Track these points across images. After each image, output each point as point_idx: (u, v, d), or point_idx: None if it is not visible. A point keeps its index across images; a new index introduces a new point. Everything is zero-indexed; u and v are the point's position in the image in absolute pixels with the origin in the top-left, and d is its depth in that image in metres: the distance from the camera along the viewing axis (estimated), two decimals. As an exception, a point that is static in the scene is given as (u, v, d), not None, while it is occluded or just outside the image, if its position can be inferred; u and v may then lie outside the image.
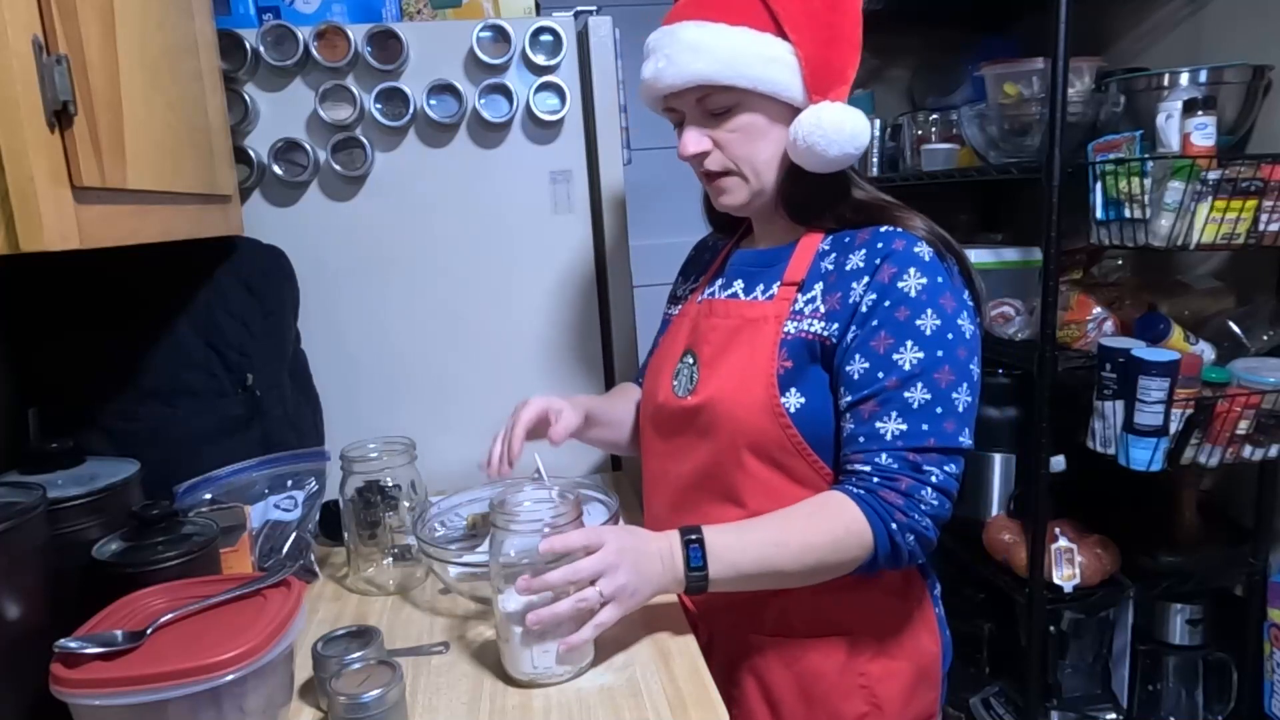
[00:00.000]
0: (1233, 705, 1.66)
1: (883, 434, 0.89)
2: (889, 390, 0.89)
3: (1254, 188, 1.37)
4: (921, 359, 0.88)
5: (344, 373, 1.42)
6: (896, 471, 0.88)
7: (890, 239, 0.92)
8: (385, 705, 0.78)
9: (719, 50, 0.91)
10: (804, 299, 0.96)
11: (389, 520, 1.13)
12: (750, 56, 0.91)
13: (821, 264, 0.97)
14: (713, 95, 0.94)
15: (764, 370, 0.94)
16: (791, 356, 0.94)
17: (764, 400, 0.93)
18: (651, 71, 0.96)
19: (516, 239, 1.43)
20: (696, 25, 0.92)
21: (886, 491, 0.88)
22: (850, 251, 0.94)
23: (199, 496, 1.12)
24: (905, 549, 0.89)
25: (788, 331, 0.95)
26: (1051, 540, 1.56)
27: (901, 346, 0.89)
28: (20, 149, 0.63)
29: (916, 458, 0.88)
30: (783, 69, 0.92)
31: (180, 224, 0.99)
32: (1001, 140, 1.66)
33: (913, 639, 1.02)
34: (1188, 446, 1.44)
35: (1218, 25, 1.64)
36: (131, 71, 0.83)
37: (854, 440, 0.91)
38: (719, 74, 0.92)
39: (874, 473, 0.89)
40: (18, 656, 0.75)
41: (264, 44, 1.29)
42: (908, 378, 0.88)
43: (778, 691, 1.01)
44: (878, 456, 0.89)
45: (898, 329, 0.89)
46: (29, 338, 1.17)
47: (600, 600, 0.85)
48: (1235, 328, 1.55)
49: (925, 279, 0.90)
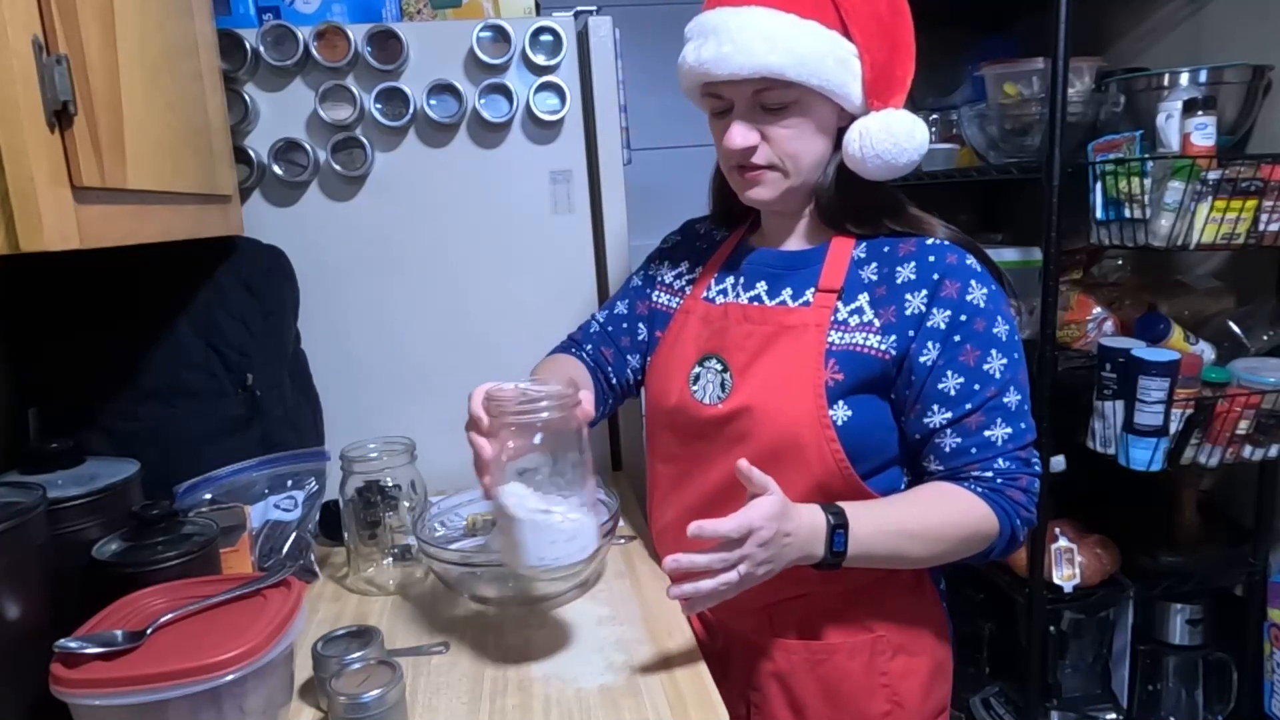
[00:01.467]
0: (1233, 705, 1.66)
1: (994, 441, 0.91)
2: (991, 400, 0.91)
3: (1254, 188, 1.37)
4: (1006, 365, 0.91)
5: (344, 373, 1.42)
6: (1015, 471, 0.91)
7: (940, 253, 0.93)
8: (385, 705, 0.78)
9: (795, 44, 0.87)
10: (847, 309, 0.95)
11: (389, 520, 1.13)
12: (824, 55, 0.88)
13: (861, 273, 0.96)
14: (774, 89, 0.90)
15: (811, 380, 0.93)
16: (843, 369, 0.93)
17: (811, 410, 0.92)
18: (712, 54, 0.89)
19: (516, 239, 1.43)
20: (769, 13, 0.87)
21: (1012, 490, 0.91)
22: (897, 264, 0.94)
23: (199, 496, 1.12)
24: (1020, 538, 0.93)
25: (832, 342, 0.94)
26: (1051, 540, 1.56)
27: (988, 357, 0.91)
28: (20, 149, 0.63)
29: (1025, 454, 0.93)
30: (848, 72, 0.90)
31: (180, 224, 0.99)
32: (1001, 140, 1.66)
33: (927, 635, 1.03)
34: (1188, 446, 1.44)
35: (1218, 25, 1.64)
36: (131, 71, 0.83)
37: (965, 453, 0.91)
38: (791, 69, 0.87)
39: (996, 475, 0.91)
40: (18, 656, 0.75)
41: (264, 44, 1.29)
42: (1003, 385, 0.91)
43: (802, 695, 1.00)
44: (995, 462, 0.91)
45: (981, 341, 0.91)
46: (29, 338, 1.17)
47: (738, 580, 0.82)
48: (1235, 328, 1.55)
49: (986, 289, 0.92)
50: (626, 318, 1.16)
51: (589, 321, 1.21)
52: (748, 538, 0.81)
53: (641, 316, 1.15)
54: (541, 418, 0.85)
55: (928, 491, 0.93)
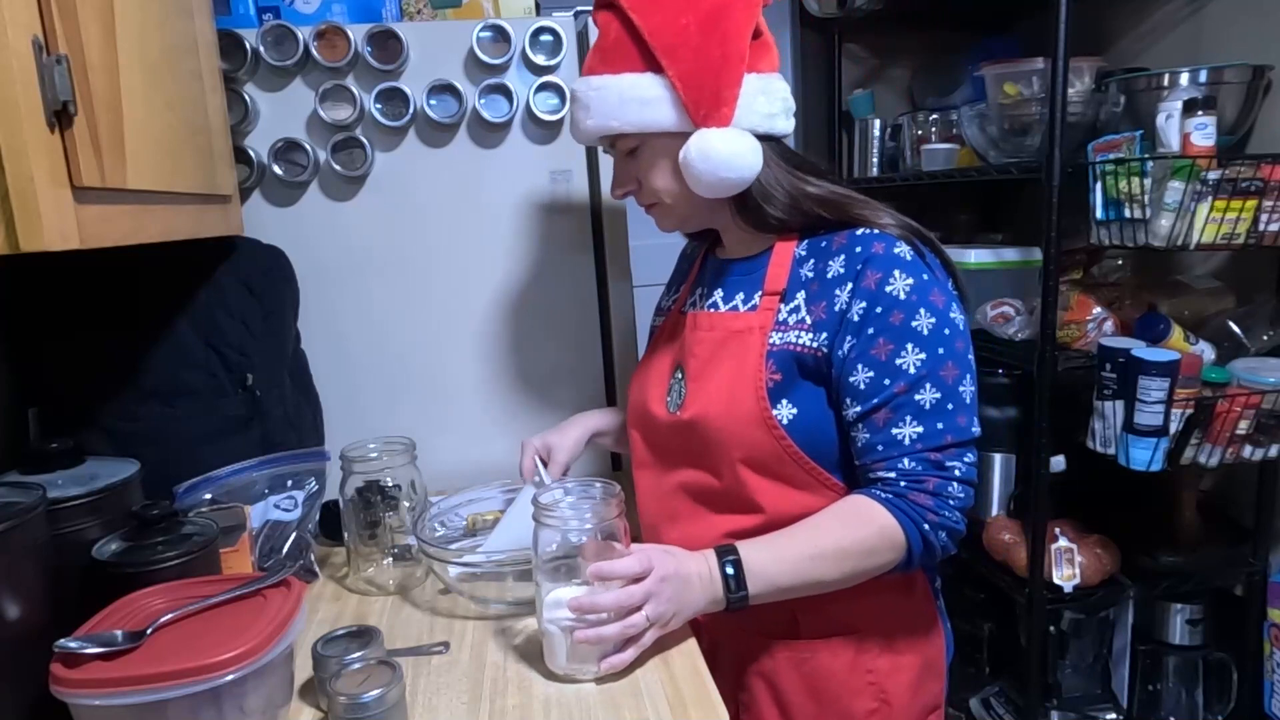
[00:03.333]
0: (1233, 705, 1.66)
1: (900, 439, 0.89)
2: (899, 396, 0.89)
3: (1254, 188, 1.37)
4: (924, 360, 0.89)
5: (344, 373, 1.42)
6: (921, 473, 0.89)
7: (868, 242, 0.92)
8: (385, 705, 0.78)
9: (604, 104, 0.95)
10: (786, 309, 0.96)
11: (389, 520, 1.13)
12: (630, 103, 0.93)
13: (800, 271, 0.96)
14: (618, 140, 0.99)
15: (753, 382, 0.94)
16: (780, 369, 0.94)
17: (756, 413, 0.93)
18: (569, 124, 1.04)
19: (516, 239, 1.43)
20: (586, 81, 0.97)
21: (915, 494, 0.89)
22: (829, 258, 0.94)
23: (199, 496, 1.12)
24: (938, 545, 0.91)
25: (773, 343, 0.95)
26: (1051, 540, 1.56)
27: (903, 350, 0.89)
28: (20, 149, 0.63)
29: (938, 456, 0.89)
30: (662, 106, 0.93)
31: (180, 224, 0.99)
32: (1001, 140, 1.66)
33: (917, 633, 1.03)
34: (1188, 446, 1.44)
35: (1218, 25, 1.64)
36: (131, 71, 0.83)
37: (872, 449, 0.91)
38: (607, 126, 0.96)
39: (899, 477, 0.89)
40: (18, 656, 0.75)
41: (264, 44, 1.29)
42: (915, 381, 0.89)
43: (788, 693, 1.01)
44: (900, 462, 0.89)
45: (895, 334, 0.89)
46: (29, 338, 1.17)
47: (646, 624, 0.86)
48: (1235, 328, 1.55)
49: (911, 279, 0.89)
50: None
51: None
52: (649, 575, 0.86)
53: None
54: (588, 529, 0.89)
55: (829, 511, 0.93)
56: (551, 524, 0.88)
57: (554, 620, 0.88)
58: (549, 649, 0.90)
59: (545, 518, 0.88)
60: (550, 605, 0.88)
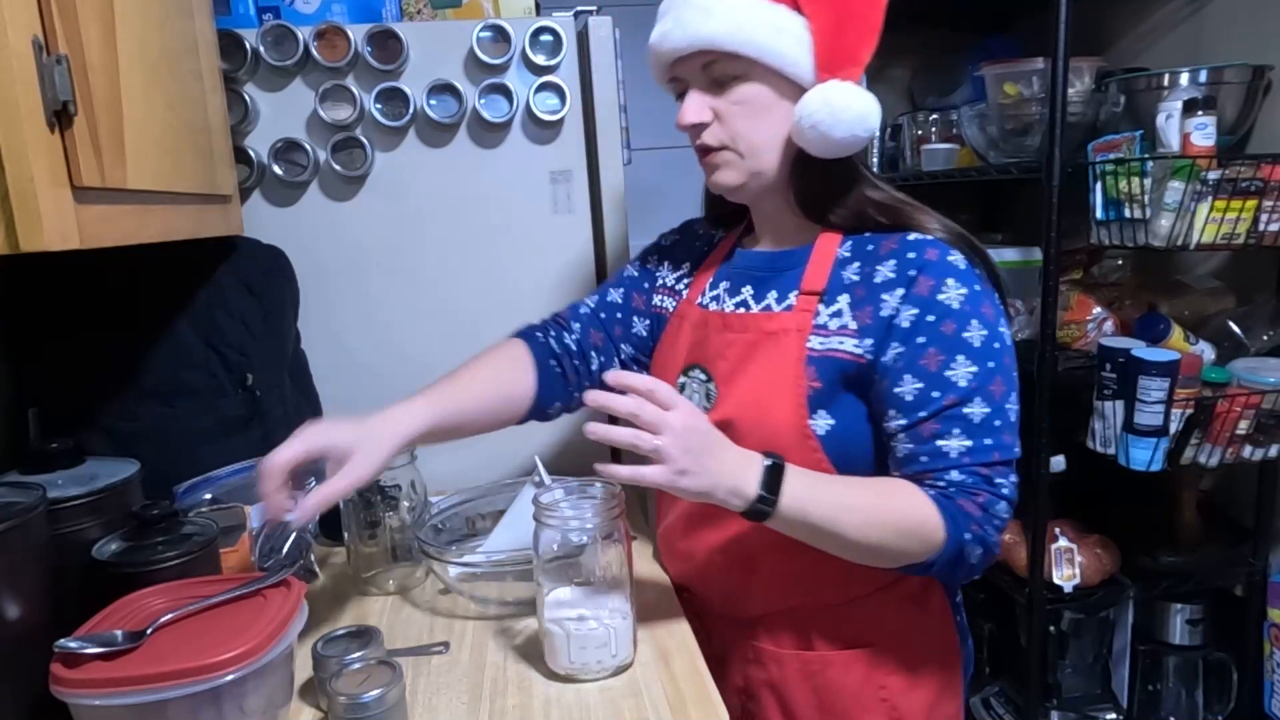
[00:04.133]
0: (1233, 705, 1.66)
1: (947, 452, 0.85)
2: (948, 409, 0.84)
3: (1254, 188, 1.37)
4: (975, 373, 0.84)
5: (344, 373, 1.42)
6: (972, 486, 0.84)
7: (921, 248, 0.88)
8: (385, 705, 0.78)
9: (729, 14, 0.86)
10: (827, 312, 0.91)
11: (389, 520, 1.13)
12: (760, 24, 0.86)
13: (843, 273, 0.91)
14: (719, 62, 0.89)
15: (791, 390, 0.89)
16: (821, 376, 0.88)
17: (793, 423, 0.89)
18: (658, 35, 0.92)
19: (516, 239, 1.43)
20: None
21: (964, 501, 0.84)
22: (877, 262, 0.89)
23: (199, 496, 1.12)
24: (971, 560, 0.85)
25: (813, 347, 0.90)
26: (1051, 540, 1.56)
27: (953, 363, 0.84)
28: (20, 149, 0.63)
29: (987, 472, 0.85)
30: (793, 42, 0.87)
31: (180, 224, 0.99)
32: (1001, 140, 1.66)
33: (934, 650, 0.99)
34: (1188, 446, 1.44)
35: (1218, 25, 1.64)
36: (131, 71, 0.83)
37: (914, 460, 0.86)
38: (726, 38, 0.87)
39: (949, 486, 0.85)
40: (18, 656, 0.75)
41: (264, 44, 1.29)
42: (965, 394, 0.84)
43: (796, 707, 0.98)
44: (948, 474, 0.85)
45: (947, 345, 0.85)
46: (29, 338, 1.17)
47: (653, 447, 0.79)
48: (1235, 328, 1.55)
49: (965, 289, 0.86)
50: (621, 307, 1.12)
51: (579, 303, 1.14)
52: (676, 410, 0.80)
53: (638, 310, 1.12)
54: (588, 529, 0.88)
55: (876, 479, 0.88)
56: (551, 524, 0.88)
57: (554, 620, 0.88)
58: (549, 649, 0.90)
59: (545, 518, 0.88)
60: (550, 605, 0.88)
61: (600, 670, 0.88)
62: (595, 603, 0.88)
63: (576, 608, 0.88)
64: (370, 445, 0.89)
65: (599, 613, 0.88)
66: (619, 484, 0.90)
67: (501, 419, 1.05)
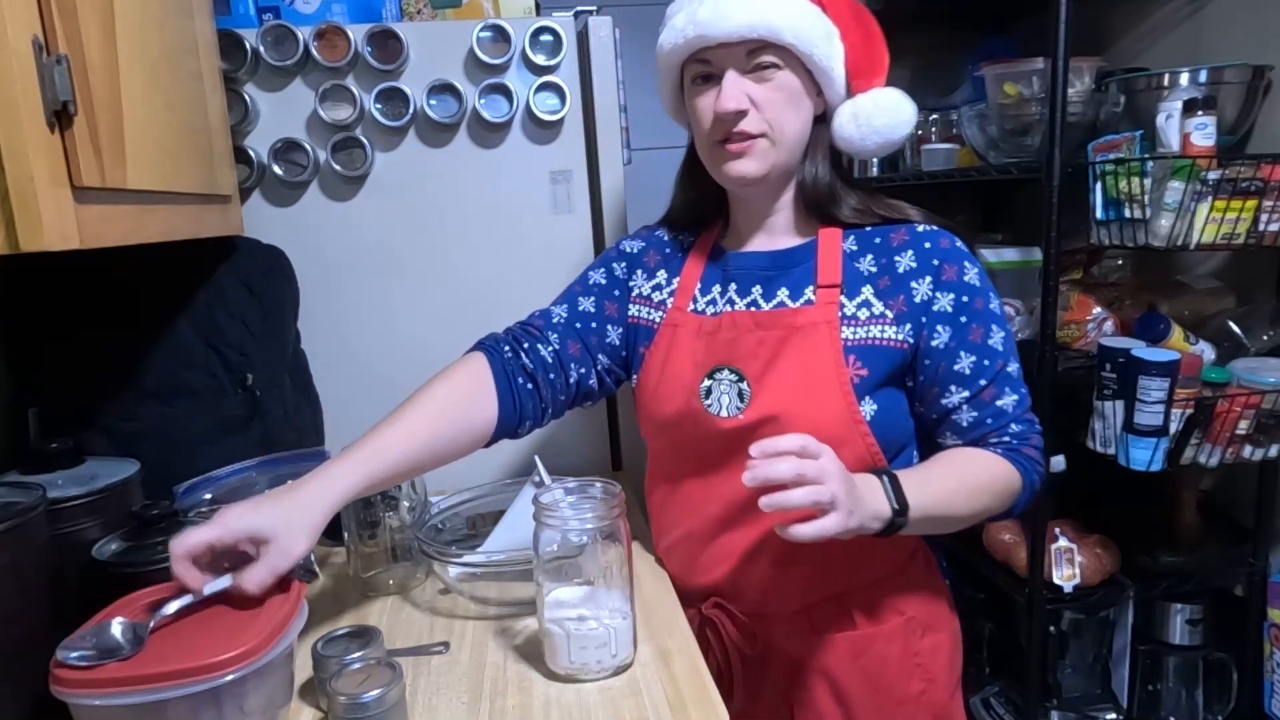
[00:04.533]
0: (1233, 705, 1.65)
1: (1005, 409, 0.95)
2: (999, 372, 0.95)
3: (1254, 188, 1.37)
4: (1004, 336, 0.96)
5: (344, 373, 1.42)
6: (1027, 432, 0.97)
7: (935, 238, 0.96)
8: (385, 705, 0.78)
9: (791, 9, 0.90)
10: (853, 304, 0.96)
11: (389, 520, 1.13)
12: (815, 27, 0.92)
13: (857, 265, 0.97)
14: (766, 50, 0.91)
15: (836, 379, 0.93)
16: (866, 364, 0.94)
17: (841, 410, 0.93)
18: (709, 14, 0.90)
19: (516, 239, 1.43)
20: None
21: (1027, 449, 0.96)
22: (894, 253, 0.96)
23: (199, 496, 1.12)
24: (1036, 490, 0.98)
25: (848, 337, 0.95)
26: (1051, 540, 1.56)
27: (990, 332, 0.95)
28: (20, 149, 0.63)
29: (1030, 415, 0.98)
30: (833, 47, 0.94)
31: (180, 224, 0.99)
32: (1001, 140, 1.66)
33: (943, 609, 1.08)
34: (1188, 446, 1.44)
35: (1218, 25, 1.64)
36: (131, 71, 0.83)
37: (981, 424, 0.96)
38: (790, 30, 0.90)
39: (1012, 439, 0.96)
40: (18, 656, 0.75)
41: (264, 44, 1.29)
42: (1005, 356, 0.96)
43: (847, 688, 1.02)
44: (1010, 426, 0.96)
45: (983, 318, 0.95)
46: (29, 338, 1.17)
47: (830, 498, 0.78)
48: (1235, 328, 1.55)
49: (976, 268, 0.96)
50: (595, 316, 1.10)
51: (549, 311, 1.11)
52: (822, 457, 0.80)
53: (611, 319, 1.10)
54: (588, 529, 0.88)
55: (953, 455, 0.97)
56: (551, 524, 0.88)
57: (554, 620, 0.88)
58: (549, 649, 0.90)
59: (545, 518, 0.88)
60: (551, 605, 0.88)
61: (600, 670, 0.88)
62: (595, 603, 0.88)
63: (576, 608, 0.88)
64: (289, 532, 0.81)
65: (599, 613, 0.88)
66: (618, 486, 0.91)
67: (460, 448, 1.00)
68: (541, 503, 0.89)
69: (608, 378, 1.11)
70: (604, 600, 0.89)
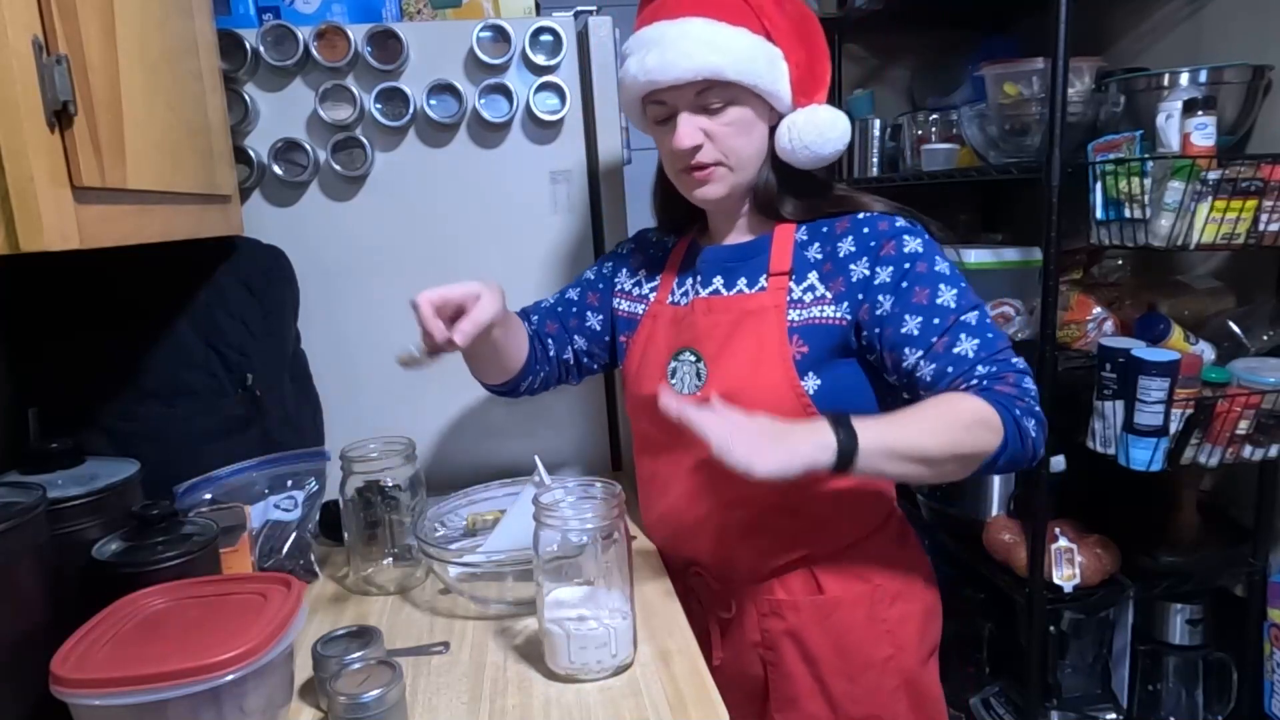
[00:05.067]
0: (1233, 705, 1.65)
1: (965, 354, 0.95)
2: (952, 324, 0.96)
3: (1254, 188, 1.37)
4: (956, 294, 0.97)
5: (344, 373, 1.42)
6: (998, 372, 0.94)
7: (873, 222, 1.02)
8: (385, 705, 0.78)
9: (732, 47, 0.96)
10: (800, 288, 1.03)
11: (389, 520, 1.13)
12: (757, 58, 0.98)
13: (805, 254, 1.04)
14: (714, 89, 0.98)
15: (779, 355, 1.00)
16: (807, 342, 1.00)
17: (784, 384, 0.99)
18: (657, 62, 0.97)
19: (516, 239, 1.43)
20: (704, 22, 0.97)
21: (1000, 386, 0.93)
22: (837, 240, 1.02)
23: (199, 496, 1.12)
24: (1031, 433, 0.93)
25: (793, 319, 1.01)
26: (1051, 540, 1.56)
27: (938, 291, 0.97)
28: (20, 149, 0.63)
29: (1003, 358, 0.95)
30: (778, 73, 1.00)
31: (180, 224, 0.99)
32: (1001, 140, 1.66)
33: (917, 581, 1.12)
34: (1188, 446, 1.44)
35: (1218, 25, 1.64)
36: (131, 71, 0.83)
37: (942, 375, 0.95)
38: (731, 68, 0.96)
39: (979, 379, 0.94)
40: (18, 656, 0.75)
41: (264, 44, 1.29)
42: (958, 310, 0.96)
43: (814, 648, 1.07)
44: (975, 369, 0.94)
45: (927, 279, 0.97)
46: (29, 338, 1.17)
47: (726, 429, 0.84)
48: (1235, 328, 1.55)
49: (918, 239, 1.00)
50: (576, 304, 1.23)
51: (541, 300, 1.26)
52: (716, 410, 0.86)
53: (592, 306, 1.22)
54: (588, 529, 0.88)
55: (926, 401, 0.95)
56: (551, 524, 0.88)
57: (555, 620, 0.88)
58: (549, 649, 0.90)
59: (545, 518, 0.88)
60: (551, 605, 0.88)
61: (600, 670, 0.88)
62: (595, 603, 0.89)
63: (576, 608, 0.88)
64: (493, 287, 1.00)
65: (599, 613, 0.88)
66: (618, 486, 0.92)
67: (509, 364, 1.14)
68: (541, 503, 0.89)
69: (584, 358, 1.23)
70: (604, 600, 0.89)
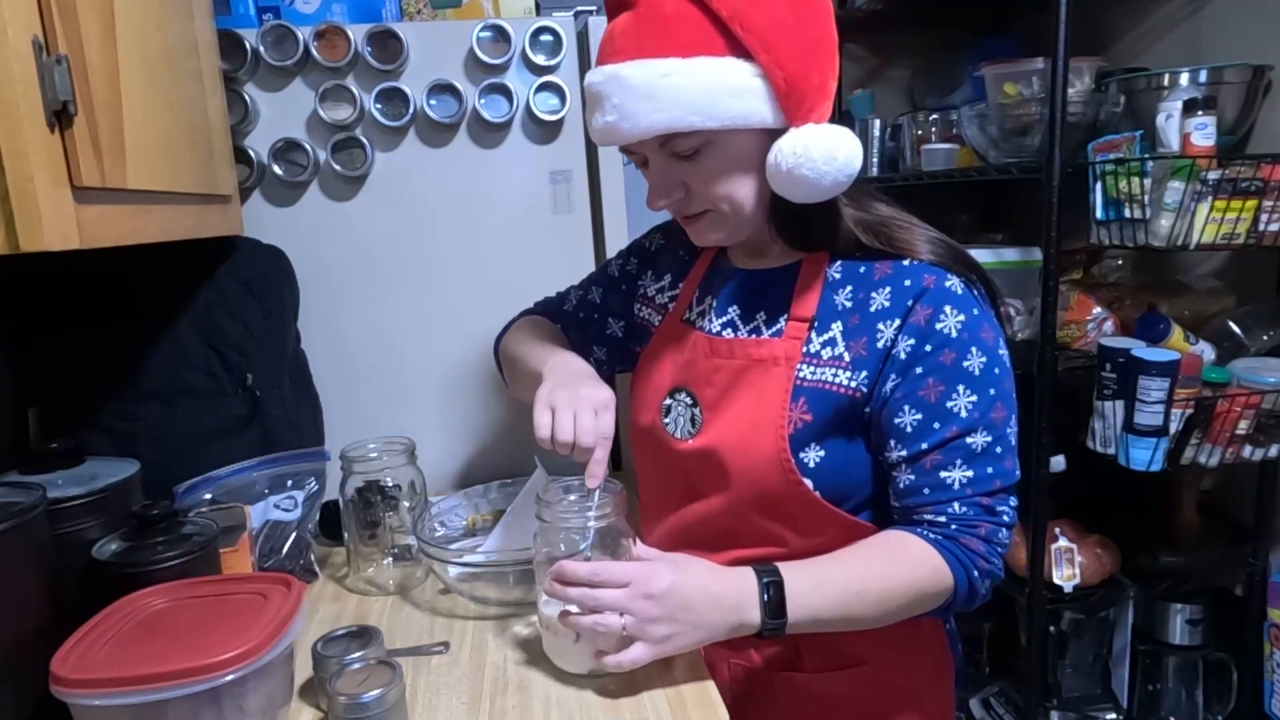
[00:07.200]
0: (1233, 705, 1.66)
1: (950, 484, 0.84)
2: (950, 441, 0.83)
3: (1254, 188, 1.37)
4: (976, 402, 0.83)
5: (344, 373, 1.42)
6: (974, 519, 0.84)
7: (918, 274, 0.85)
8: (385, 705, 0.78)
9: (679, 93, 0.79)
10: (820, 340, 0.88)
11: (389, 520, 1.13)
12: (716, 93, 0.79)
13: (835, 297, 0.89)
14: (677, 139, 0.83)
15: (773, 422, 0.87)
16: (812, 409, 0.86)
17: (772, 456, 0.87)
18: (600, 124, 0.84)
19: (516, 239, 1.43)
20: (643, 65, 0.80)
21: (968, 539, 0.84)
22: (872, 289, 0.87)
23: (199, 496, 1.12)
24: (980, 593, 0.87)
25: (803, 378, 0.87)
26: (1051, 540, 1.56)
27: (954, 393, 0.83)
28: (20, 149, 0.63)
29: (989, 501, 0.85)
30: (754, 98, 0.80)
31: (180, 224, 0.99)
32: (1001, 140, 1.66)
33: (924, 670, 0.99)
34: (1188, 446, 1.44)
35: (1218, 25, 1.64)
36: (131, 71, 0.83)
37: (917, 492, 0.85)
38: (682, 120, 0.80)
39: (950, 521, 0.84)
40: (18, 656, 0.75)
41: (264, 44, 1.29)
42: (967, 425, 0.83)
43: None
44: (950, 506, 0.84)
45: (947, 375, 0.83)
46: (29, 338, 1.17)
47: (623, 631, 0.81)
48: (1235, 328, 1.55)
49: (963, 315, 0.84)
50: (599, 308, 1.13)
51: (564, 297, 1.19)
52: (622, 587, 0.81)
53: (613, 312, 1.12)
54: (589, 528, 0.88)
55: (875, 545, 0.86)
56: (552, 524, 0.88)
57: (555, 620, 0.88)
58: (549, 649, 0.90)
59: (545, 518, 0.88)
60: (551, 605, 0.88)
61: (600, 670, 0.88)
62: None
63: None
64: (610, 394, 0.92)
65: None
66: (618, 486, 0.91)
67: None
68: (541, 503, 0.89)
69: (603, 366, 1.13)
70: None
